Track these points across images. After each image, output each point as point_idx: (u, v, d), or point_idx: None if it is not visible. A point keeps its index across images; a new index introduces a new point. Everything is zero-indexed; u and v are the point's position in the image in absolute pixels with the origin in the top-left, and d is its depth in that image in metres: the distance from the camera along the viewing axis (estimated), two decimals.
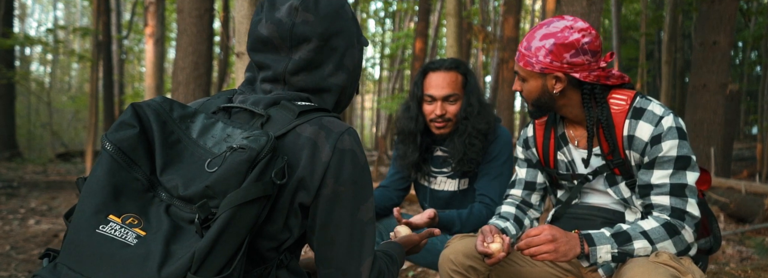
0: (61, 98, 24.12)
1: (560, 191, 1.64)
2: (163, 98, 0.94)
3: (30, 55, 27.81)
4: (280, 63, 1.01)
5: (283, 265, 0.99)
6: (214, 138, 0.90)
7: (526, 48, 1.42)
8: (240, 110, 1.00)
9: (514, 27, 9.66)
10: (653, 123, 1.38)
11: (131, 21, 15.65)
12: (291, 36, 0.99)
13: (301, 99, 1.01)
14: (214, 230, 0.80)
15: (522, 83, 1.48)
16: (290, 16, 0.99)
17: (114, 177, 0.85)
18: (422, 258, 2.02)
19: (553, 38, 1.37)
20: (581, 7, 3.51)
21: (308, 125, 0.95)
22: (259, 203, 0.84)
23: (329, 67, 1.03)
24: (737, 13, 6.39)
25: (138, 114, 0.89)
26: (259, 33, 1.02)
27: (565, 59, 1.38)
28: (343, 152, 0.95)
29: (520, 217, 1.66)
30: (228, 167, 0.83)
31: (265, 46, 1.02)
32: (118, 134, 0.87)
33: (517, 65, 1.47)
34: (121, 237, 0.81)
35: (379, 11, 24.97)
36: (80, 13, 31.53)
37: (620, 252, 1.31)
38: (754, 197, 4.73)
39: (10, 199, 6.26)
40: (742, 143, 14.60)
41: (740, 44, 15.92)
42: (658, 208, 1.38)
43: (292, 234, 0.96)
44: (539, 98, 1.47)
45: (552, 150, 1.59)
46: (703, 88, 5.78)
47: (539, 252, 1.28)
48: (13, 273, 3.29)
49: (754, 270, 2.89)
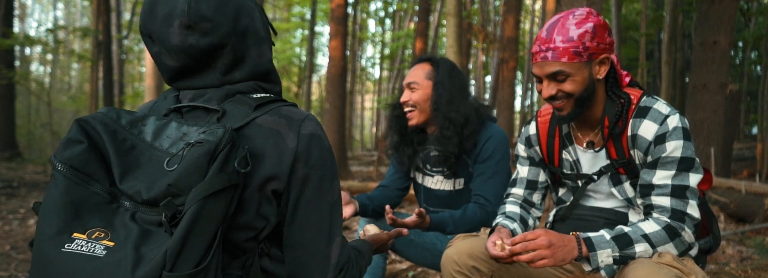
0: (61, 98, 24.13)
1: (562, 189, 1.63)
2: (107, 108, 0.93)
3: (30, 55, 27.82)
4: (208, 77, 0.98)
5: (265, 254, 1.00)
6: (170, 138, 0.89)
7: (565, 40, 1.34)
8: (192, 109, 0.97)
9: (514, 27, 9.66)
10: (658, 122, 1.36)
11: (131, 21, 15.65)
12: (205, 55, 0.95)
13: (254, 90, 1.00)
14: (183, 225, 0.79)
15: (558, 84, 1.38)
16: (184, 37, 0.93)
17: (71, 195, 0.84)
18: (422, 257, 2.02)
19: (590, 22, 1.35)
20: (581, 6, 3.51)
21: (268, 116, 0.95)
22: (227, 193, 0.84)
23: (252, 50, 1.00)
24: (737, 13, 6.39)
25: (84, 129, 0.88)
26: (167, 66, 0.97)
27: (606, 40, 1.37)
28: (308, 136, 0.96)
29: (525, 217, 1.65)
30: (188, 162, 0.82)
31: (184, 69, 0.97)
32: (66, 152, 0.85)
33: (553, 65, 1.36)
34: (89, 251, 0.80)
35: (379, 11, 24.97)
36: (80, 13, 31.53)
37: (622, 255, 1.30)
38: (754, 197, 4.73)
39: (10, 199, 6.26)
40: (742, 143, 14.59)
41: (740, 44, 15.92)
42: (658, 209, 1.37)
43: (268, 222, 0.96)
44: (585, 91, 1.39)
45: (557, 149, 1.58)
46: (703, 88, 5.78)
47: (536, 258, 1.26)
48: (13, 273, 3.28)
49: (754, 270, 2.89)
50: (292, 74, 21.77)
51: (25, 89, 14.99)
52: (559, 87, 1.39)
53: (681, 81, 14.94)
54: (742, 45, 16.08)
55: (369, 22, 26.81)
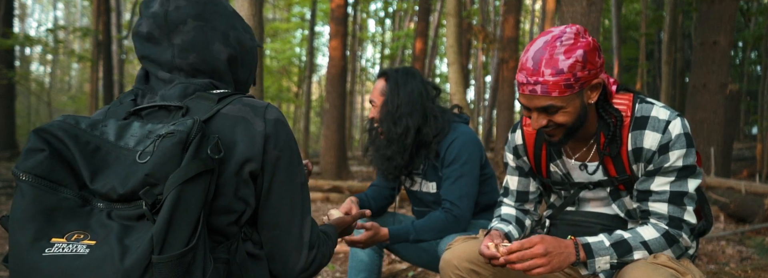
0: (61, 98, 24.13)
1: (554, 195, 1.61)
2: (64, 115, 0.94)
3: (30, 55, 27.81)
4: (165, 52, 1.02)
5: (248, 238, 1.03)
6: (135, 137, 0.89)
7: (554, 74, 1.23)
8: (153, 110, 0.99)
9: (514, 27, 9.65)
10: (659, 130, 1.31)
11: (131, 21, 15.65)
12: (166, 23, 1.00)
13: (210, 87, 1.03)
14: (166, 209, 0.80)
15: (549, 116, 1.31)
16: (162, 7, 1.01)
17: (41, 204, 0.83)
18: (418, 257, 2.04)
19: (579, 49, 1.24)
20: (581, 7, 3.51)
21: (231, 106, 0.98)
22: (204, 178, 0.85)
23: (216, 45, 1.04)
24: (737, 13, 6.39)
25: (42, 137, 0.87)
26: (138, 31, 1.03)
27: (597, 63, 1.27)
28: (274, 121, 1.00)
29: (521, 218, 1.64)
30: (161, 152, 0.84)
31: (148, 41, 1.02)
32: (28, 162, 0.85)
33: (543, 100, 1.27)
34: (72, 251, 0.80)
35: (379, 11, 24.98)
36: (80, 13, 31.53)
37: (619, 262, 1.30)
38: (754, 197, 4.73)
39: (10, 199, 6.26)
40: (742, 143, 14.59)
41: (740, 44, 15.91)
42: (655, 216, 1.35)
43: (248, 205, 0.99)
44: (577, 120, 1.32)
45: (544, 161, 1.54)
46: (703, 88, 5.78)
47: (532, 267, 1.23)
48: None
49: (754, 270, 2.89)
50: (292, 74, 21.76)
51: (25, 89, 14.99)
52: (550, 118, 1.31)
53: (681, 81, 14.93)
54: (742, 45, 16.07)
55: (369, 22, 26.83)
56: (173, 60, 1.01)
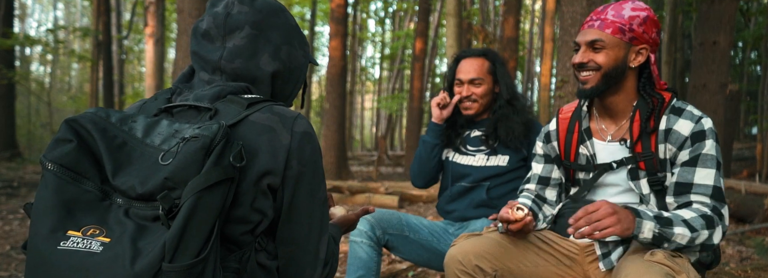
0: (61, 98, 24.13)
1: (575, 188, 1.64)
2: (97, 107, 0.94)
3: (30, 55, 27.80)
4: (215, 52, 1.03)
5: (262, 248, 1.01)
6: (162, 135, 0.89)
7: (616, 16, 1.42)
8: (184, 109, 0.99)
9: (514, 27, 9.65)
10: (693, 121, 1.41)
11: (131, 21, 15.66)
12: (225, 24, 1.02)
13: (245, 91, 1.02)
14: (181, 217, 0.79)
15: (593, 54, 1.44)
16: (226, 8, 1.03)
17: (63, 194, 0.84)
18: (418, 255, 2.04)
19: (645, 12, 1.41)
20: (581, 7, 3.51)
21: (260, 114, 0.97)
22: (223, 186, 0.84)
23: (265, 56, 1.05)
24: (737, 13, 6.39)
25: (73, 128, 0.88)
26: (198, 26, 1.05)
27: (653, 34, 1.42)
28: (301, 134, 0.98)
29: (535, 210, 1.66)
30: (184, 156, 0.83)
31: (203, 38, 1.04)
32: (55, 151, 0.86)
33: (595, 33, 1.43)
34: (86, 247, 0.80)
35: (379, 11, 24.98)
36: (80, 13, 31.53)
37: (661, 233, 1.28)
38: (754, 197, 4.73)
39: (10, 199, 6.26)
40: (742, 143, 14.59)
41: (740, 44, 15.91)
42: (697, 204, 1.37)
43: (265, 216, 0.97)
44: (614, 69, 1.43)
45: (574, 143, 1.59)
46: (703, 88, 5.78)
47: (603, 227, 1.22)
48: (13, 273, 3.29)
49: (754, 270, 2.89)
50: None
51: (25, 89, 14.99)
52: (592, 56, 1.44)
53: (681, 81, 14.93)
54: (742, 45, 16.07)
55: (369, 22, 26.82)
56: (219, 61, 1.02)
